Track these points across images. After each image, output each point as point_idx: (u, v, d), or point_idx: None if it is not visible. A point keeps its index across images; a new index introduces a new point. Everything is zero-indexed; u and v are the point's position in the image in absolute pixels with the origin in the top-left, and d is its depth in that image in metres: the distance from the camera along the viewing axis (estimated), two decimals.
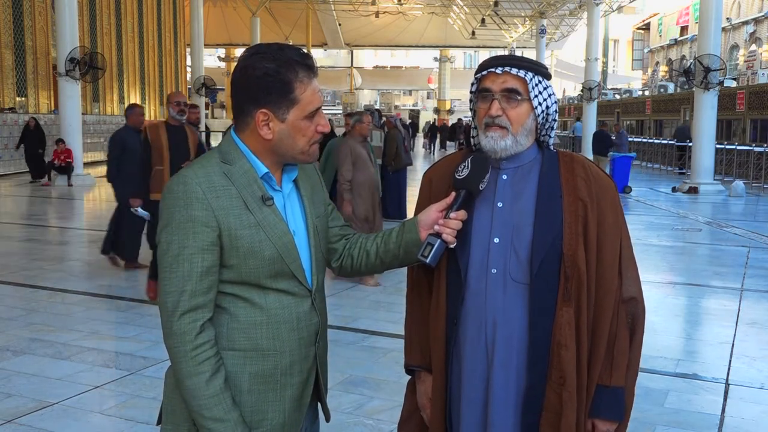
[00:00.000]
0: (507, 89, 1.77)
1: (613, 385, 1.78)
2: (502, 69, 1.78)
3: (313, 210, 1.75)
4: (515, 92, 1.77)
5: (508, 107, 1.77)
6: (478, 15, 38.04)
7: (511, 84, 1.77)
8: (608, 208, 1.79)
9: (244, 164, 1.64)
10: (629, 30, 60.03)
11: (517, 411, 1.76)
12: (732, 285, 7.08)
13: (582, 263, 1.73)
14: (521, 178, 1.81)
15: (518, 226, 1.76)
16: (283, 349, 1.64)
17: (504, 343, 1.75)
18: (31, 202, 14.30)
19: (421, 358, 1.92)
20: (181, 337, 1.55)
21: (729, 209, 13.53)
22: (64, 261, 8.26)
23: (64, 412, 3.91)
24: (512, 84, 1.77)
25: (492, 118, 1.77)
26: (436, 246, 1.72)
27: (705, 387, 4.46)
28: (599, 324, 1.77)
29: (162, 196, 1.63)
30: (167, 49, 33.98)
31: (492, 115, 1.77)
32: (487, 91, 1.79)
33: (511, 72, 1.77)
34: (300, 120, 1.63)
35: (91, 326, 5.50)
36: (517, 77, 1.77)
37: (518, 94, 1.77)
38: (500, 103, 1.77)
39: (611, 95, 34.06)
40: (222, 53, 49.63)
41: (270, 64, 1.59)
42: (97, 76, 17.82)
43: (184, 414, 1.63)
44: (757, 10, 37.17)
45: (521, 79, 1.77)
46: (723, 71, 16.16)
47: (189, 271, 1.56)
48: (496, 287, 1.76)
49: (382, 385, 4.33)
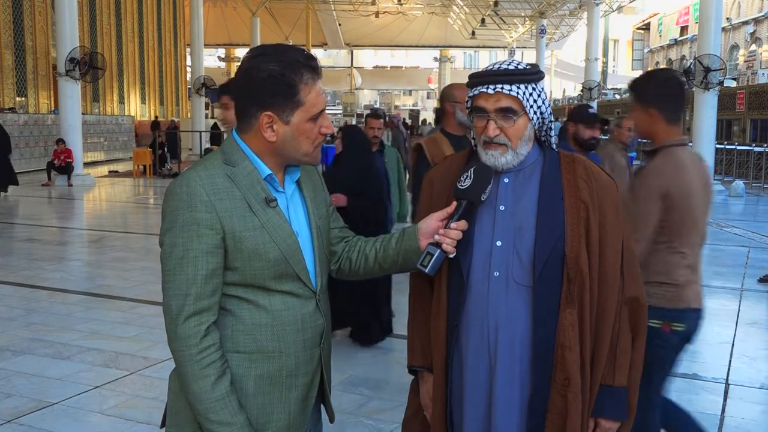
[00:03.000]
0: (502, 109, 1.75)
1: (616, 384, 1.79)
2: (494, 88, 1.75)
3: (315, 211, 1.75)
4: (510, 111, 1.75)
5: (505, 125, 1.76)
6: (478, 15, 38.01)
7: (505, 103, 1.75)
8: (609, 209, 1.79)
9: (247, 166, 1.63)
10: (629, 30, 60.03)
11: (522, 413, 1.76)
12: (732, 285, 7.08)
13: (584, 265, 1.73)
14: (523, 181, 1.81)
15: (520, 229, 1.76)
16: (288, 351, 1.64)
17: (507, 346, 1.75)
18: (30, 202, 14.29)
19: (423, 359, 1.93)
20: (186, 341, 1.55)
21: (729, 209, 13.52)
22: (64, 261, 8.26)
23: (64, 412, 3.91)
24: (506, 103, 1.75)
25: (490, 139, 1.76)
26: (436, 256, 1.72)
27: (705, 387, 4.46)
28: (602, 324, 1.77)
29: (165, 198, 1.62)
30: (167, 49, 33.99)
31: (490, 135, 1.76)
32: (482, 110, 1.77)
33: (503, 92, 1.74)
34: (304, 122, 1.62)
35: (91, 326, 5.50)
36: (510, 96, 1.74)
37: (514, 112, 1.75)
38: (496, 122, 1.76)
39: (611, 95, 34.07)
40: (222, 53, 49.59)
41: (274, 66, 1.58)
42: (97, 76, 17.81)
43: (189, 416, 1.62)
44: (757, 10, 37.16)
45: (514, 98, 1.75)
46: (723, 71, 16.14)
47: (193, 274, 1.55)
48: (498, 290, 1.76)
49: (382, 385, 4.33)
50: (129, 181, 18.46)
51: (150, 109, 32.16)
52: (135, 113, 30.01)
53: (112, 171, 20.80)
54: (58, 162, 16.57)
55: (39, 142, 20.06)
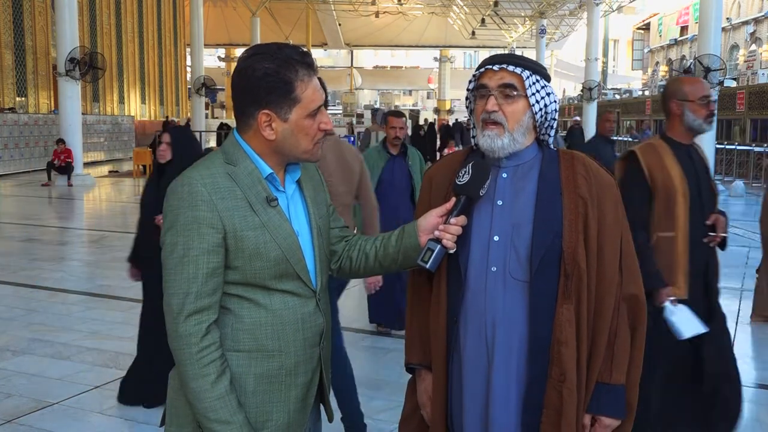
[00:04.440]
0: (503, 85, 1.78)
1: (614, 382, 1.79)
2: (499, 66, 1.80)
3: (316, 210, 1.75)
4: (511, 87, 1.78)
5: (504, 103, 1.79)
6: (478, 15, 38.03)
7: (507, 80, 1.78)
8: (609, 206, 1.79)
9: (248, 165, 1.63)
10: (629, 30, 60.05)
11: (518, 409, 1.76)
12: (732, 285, 7.07)
13: (582, 261, 1.73)
14: (521, 176, 1.82)
15: (518, 225, 1.77)
16: (288, 350, 1.64)
17: (504, 341, 1.75)
18: (31, 202, 14.29)
19: (422, 356, 1.93)
20: (186, 339, 1.55)
21: (729, 209, 13.46)
22: (64, 261, 8.27)
23: (64, 412, 3.91)
24: (508, 80, 1.78)
25: (488, 114, 1.78)
26: (436, 251, 1.72)
27: None
28: (600, 321, 1.77)
29: (166, 197, 1.62)
30: (167, 49, 34.00)
31: (488, 110, 1.78)
32: (484, 87, 1.81)
33: (507, 69, 1.79)
34: (302, 119, 1.63)
35: (91, 326, 5.51)
36: (514, 74, 1.79)
37: (514, 89, 1.78)
38: (497, 99, 1.79)
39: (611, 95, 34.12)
40: (222, 53, 49.59)
41: (270, 64, 1.59)
42: (97, 76, 17.83)
43: (189, 415, 1.62)
44: (757, 10, 37.17)
45: (517, 76, 1.79)
46: (723, 71, 16.17)
47: (194, 273, 1.55)
48: (496, 285, 1.76)
49: (382, 385, 4.33)
50: (129, 181, 18.46)
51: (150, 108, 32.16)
52: (135, 113, 30.03)
53: (112, 171, 20.82)
54: (58, 162, 16.58)
55: (39, 142, 20.06)
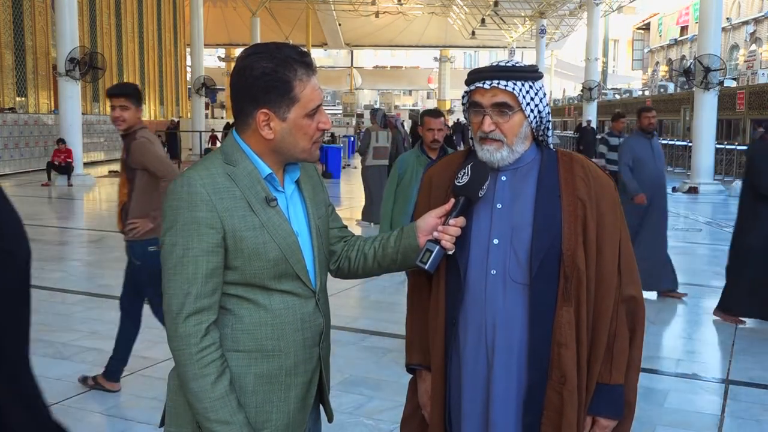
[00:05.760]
0: (497, 104, 1.77)
1: (613, 383, 1.79)
2: (490, 83, 1.76)
3: (315, 211, 1.75)
4: (506, 106, 1.76)
5: (500, 121, 1.77)
6: (478, 15, 38.03)
7: (500, 98, 1.76)
8: (607, 208, 1.79)
9: (247, 165, 1.63)
10: (629, 30, 60.04)
11: (518, 411, 1.77)
12: None
13: (581, 263, 1.74)
14: (520, 179, 1.82)
15: (517, 227, 1.77)
16: (288, 350, 1.64)
17: (504, 343, 1.76)
18: (31, 202, 14.29)
19: (422, 357, 1.93)
20: (186, 340, 1.55)
21: (729, 209, 13.50)
22: (64, 261, 8.26)
23: (64, 412, 3.90)
24: (502, 98, 1.76)
25: (485, 133, 1.78)
26: (435, 252, 1.72)
27: (705, 387, 4.46)
28: (599, 323, 1.77)
29: (165, 197, 1.62)
30: (167, 49, 33.98)
31: (485, 131, 1.77)
32: (478, 105, 1.79)
33: (499, 87, 1.76)
34: (301, 118, 1.63)
35: (91, 326, 5.50)
36: (506, 92, 1.76)
37: (509, 107, 1.76)
38: (492, 117, 1.77)
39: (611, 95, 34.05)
40: (222, 53, 49.61)
41: (268, 63, 1.58)
42: (97, 76, 17.80)
43: (188, 416, 1.62)
44: (757, 10, 37.17)
45: (510, 93, 1.76)
46: (723, 71, 16.16)
47: (194, 273, 1.55)
48: (495, 288, 1.77)
49: (382, 385, 4.33)
50: None
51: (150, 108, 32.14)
52: None
53: (112, 171, 20.80)
54: (58, 162, 16.57)
55: (39, 142, 20.05)
